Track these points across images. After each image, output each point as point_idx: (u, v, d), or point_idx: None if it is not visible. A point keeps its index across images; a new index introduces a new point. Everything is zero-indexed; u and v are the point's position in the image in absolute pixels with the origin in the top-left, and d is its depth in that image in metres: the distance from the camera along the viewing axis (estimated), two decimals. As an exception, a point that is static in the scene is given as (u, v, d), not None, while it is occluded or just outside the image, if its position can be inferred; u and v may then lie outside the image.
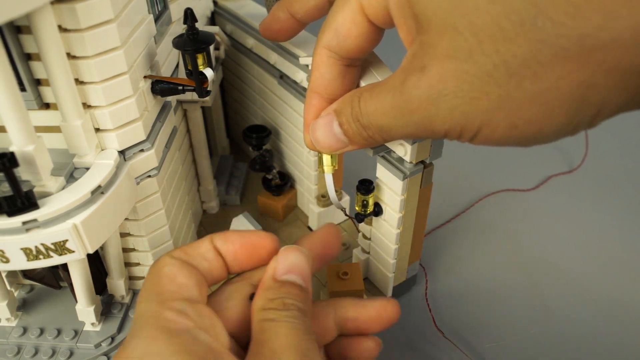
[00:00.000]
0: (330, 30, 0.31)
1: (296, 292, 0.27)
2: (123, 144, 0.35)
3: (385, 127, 0.28)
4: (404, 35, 0.28)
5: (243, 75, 0.54)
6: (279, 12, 0.37)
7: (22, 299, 0.42)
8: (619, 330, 0.43)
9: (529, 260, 0.49)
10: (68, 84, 0.30)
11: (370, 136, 0.30)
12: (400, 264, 0.42)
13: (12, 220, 0.29)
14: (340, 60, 0.31)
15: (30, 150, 0.28)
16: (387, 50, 0.39)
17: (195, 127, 0.48)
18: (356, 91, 0.30)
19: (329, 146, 0.32)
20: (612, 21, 0.20)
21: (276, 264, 0.28)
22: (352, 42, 0.30)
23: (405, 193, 0.36)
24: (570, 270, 0.48)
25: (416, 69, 0.26)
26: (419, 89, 0.26)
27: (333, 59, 0.31)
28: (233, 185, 0.55)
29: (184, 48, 0.36)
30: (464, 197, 0.56)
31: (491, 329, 0.43)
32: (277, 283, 0.27)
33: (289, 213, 0.53)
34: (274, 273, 0.28)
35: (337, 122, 0.31)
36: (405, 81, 0.26)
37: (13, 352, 0.39)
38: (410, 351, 0.42)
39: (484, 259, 0.49)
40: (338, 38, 0.30)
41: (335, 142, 0.31)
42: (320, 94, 0.32)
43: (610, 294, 0.46)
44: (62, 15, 0.29)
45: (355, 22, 0.30)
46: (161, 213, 0.40)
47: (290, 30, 0.38)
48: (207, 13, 0.51)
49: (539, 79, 0.23)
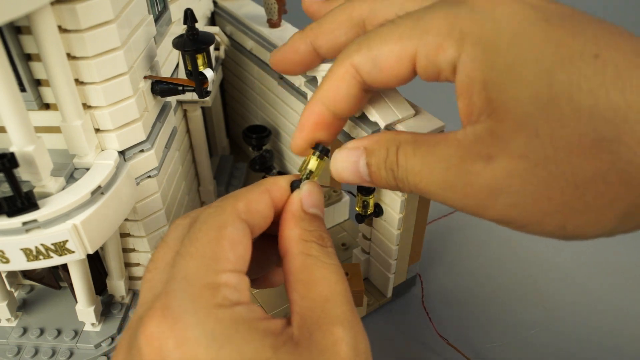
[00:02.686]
0: (368, 55, 0.29)
1: (325, 229, 0.27)
2: (123, 144, 0.35)
3: (424, 191, 0.27)
4: (463, 106, 0.26)
5: (243, 76, 0.54)
6: (299, 44, 0.34)
7: (22, 299, 0.42)
8: (619, 331, 0.43)
9: (529, 260, 0.49)
10: (68, 84, 0.30)
11: (399, 187, 0.28)
12: (400, 265, 0.42)
13: (12, 220, 0.29)
14: (364, 85, 0.30)
15: (30, 150, 0.28)
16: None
17: (195, 127, 0.48)
18: (394, 137, 0.28)
19: (345, 179, 0.30)
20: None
21: (301, 196, 0.27)
22: (387, 77, 0.29)
23: (406, 194, 0.37)
24: (570, 270, 0.48)
25: (481, 156, 0.25)
26: (481, 179, 0.25)
27: (357, 80, 0.30)
28: (233, 185, 0.55)
29: (184, 48, 0.36)
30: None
31: (490, 329, 0.43)
32: (307, 215, 0.27)
33: (289, 213, 0.53)
34: (302, 205, 0.27)
35: (365, 162, 0.29)
36: (466, 163, 0.26)
37: (13, 352, 0.39)
38: (410, 351, 0.42)
39: (483, 259, 0.49)
40: (374, 68, 0.29)
41: (355, 177, 0.30)
42: (327, 105, 0.31)
43: (610, 294, 0.46)
44: (62, 15, 0.29)
45: (401, 62, 0.28)
46: (161, 213, 0.40)
47: (307, 65, 0.35)
48: (207, 13, 0.51)
49: (601, 195, 0.23)
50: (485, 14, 0.25)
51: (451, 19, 0.26)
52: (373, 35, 0.29)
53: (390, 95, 0.35)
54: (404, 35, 0.27)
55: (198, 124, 0.48)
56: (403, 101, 0.35)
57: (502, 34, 0.25)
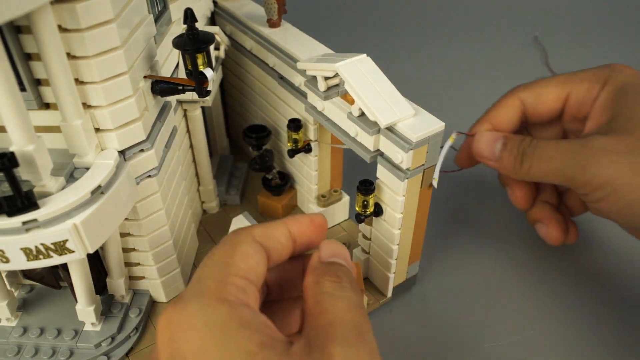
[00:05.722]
0: (533, 91, 0.43)
1: (344, 269, 0.29)
2: (123, 144, 0.35)
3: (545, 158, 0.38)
4: (591, 125, 0.40)
5: (243, 75, 0.54)
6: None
7: (22, 299, 0.42)
8: (619, 331, 0.43)
9: (528, 260, 0.49)
10: (68, 84, 0.30)
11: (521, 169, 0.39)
12: (400, 264, 0.42)
13: (12, 220, 0.29)
14: (523, 113, 0.43)
15: (30, 150, 0.28)
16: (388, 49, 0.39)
17: (195, 127, 0.48)
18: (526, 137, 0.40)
19: (480, 152, 0.41)
20: None
21: (319, 251, 0.30)
22: (543, 109, 0.43)
23: (406, 194, 0.37)
24: (569, 270, 0.48)
25: (600, 133, 0.37)
26: (597, 141, 0.36)
27: (520, 109, 0.43)
28: (233, 185, 0.55)
29: (184, 48, 0.36)
30: (465, 196, 0.56)
31: (491, 329, 0.43)
32: (324, 264, 0.29)
33: (289, 213, 0.53)
34: (320, 256, 0.30)
35: (502, 142, 0.40)
36: (588, 136, 0.37)
37: (13, 352, 0.39)
38: (410, 350, 0.42)
39: (483, 259, 0.49)
40: (536, 102, 0.43)
41: (488, 153, 0.41)
42: (493, 124, 0.43)
43: (610, 294, 0.46)
44: (62, 15, 0.29)
45: (557, 99, 0.42)
46: (161, 213, 0.40)
47: None
48: (207, 13, 0.51)
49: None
50: (619, 72, 0.40)
51: (599, 74, 0.41)
52: (538, 81, 0.43)
53: (391, 95, 0.35)
54: (562, 81, 0.42)
55: (198, 123, 0.48)
56: (403, 101, 0.35)
57: (628, 81, 0.39)
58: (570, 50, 0.83)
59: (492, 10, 0.94)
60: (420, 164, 0.35)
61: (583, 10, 0.94)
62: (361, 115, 0.36)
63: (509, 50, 0.84)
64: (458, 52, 0.84)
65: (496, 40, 0.87)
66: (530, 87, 0.43)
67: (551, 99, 0.42)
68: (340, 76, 0.36)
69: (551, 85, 0.42)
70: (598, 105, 0.40)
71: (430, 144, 0.35)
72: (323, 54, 0.41)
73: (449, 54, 0.84)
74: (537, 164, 0.38)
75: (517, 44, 0.86)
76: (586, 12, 0.93)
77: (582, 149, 0.36)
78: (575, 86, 0.41)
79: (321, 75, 0.38)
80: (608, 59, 0.81)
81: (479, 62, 0.81)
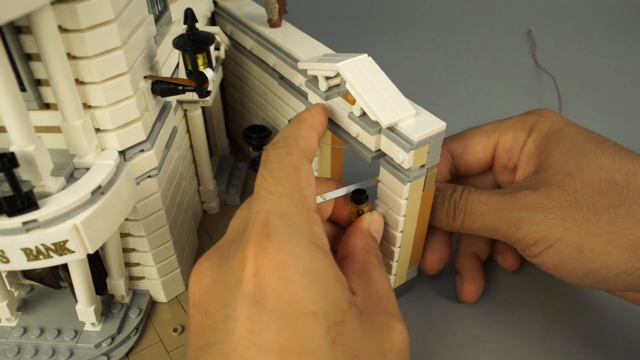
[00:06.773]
0: (462, 142, 0.42)
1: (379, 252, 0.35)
2: (123, 144, 0.35)
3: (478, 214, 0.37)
4: (520, 173, 0.40)
5: (243, 76, 0.54)
6: None
7: (22, 299, 0.42)
8: (619, 332, 0.43)
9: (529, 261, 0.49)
10: (68, 84, 0.30)
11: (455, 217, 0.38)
12: (401, 267, 0.42)
13: (12, 220, 0.29)
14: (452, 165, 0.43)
15: (30, 150, 0.28)
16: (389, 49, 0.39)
17: (195, 127, 0.48)
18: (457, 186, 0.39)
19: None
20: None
21: (371, 221, 0.36)
22: (472, 160, 0.42)
23: (408, 196, 0.36)
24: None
25: (529, 188, 0.36)
26: (527, 198, 0.35)
27: (448, 160, 0.42)
28: (233, 185, 0.55)
29: (184, 48, 0.36)
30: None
31: (491, 330, 0.43)
32: (370, 235, 0.35)
33: (289, 213, 0.53)
34: (369, 227, 0.36)
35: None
36: (518, 191, 0.36)
37: (13, 352, 0.39)
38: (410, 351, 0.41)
39: (484, 260, 0.49)
40: (464, 152, 0.42)
41: None
42: None
43: (609, 294, 0.46)
44: (62, 15, 0.29)
45: (485, 150, 0.42)
46: (161, 213, 0.40)
47: None
48: (207, 13, 0.51)
49: (612, 223, 0.33)
50: (545, 118, 0.40)
51: (524, 121, 0.41)
52: (467, 131, 0.43)
53: (392, 95, 0.35)
54: (489, 131, 0.42)
55: (198, 123, 0.48)
56: (404, 101, 0.35)
57: (554, 128, 0.39)
58: (570, 49, 0.83)
59: (495, 9, 0.94)
60: (422, 164, 0.35)
61: (583, 10, 0.94)
62: (362, 115, 0.36)
63: (511, 50, 0.84)
64: (460, 52, 0.84)
65: (498, 40, 0.87)
66: (459, 138, 0.42)
67: (479, 149, 0.42)
68: (342, 76, 0.36)
69: (478, 136, 0.42)
70: (525, 154, 0.39)
71: (431, 143, 0.34)
72: (324, 54, 0.41)
73: (450, 54, 0.84)
74: (470, 220, 0.37)
75: (519, 44, 0.86)
76: (586, 12, 0.93)
77: (513, 206, 0.35)
78: (502, 135, 0.41)
79: (322, 75, 0.38)
80: (608, 58, 0.80)
81: (481, 61, 0.81)
